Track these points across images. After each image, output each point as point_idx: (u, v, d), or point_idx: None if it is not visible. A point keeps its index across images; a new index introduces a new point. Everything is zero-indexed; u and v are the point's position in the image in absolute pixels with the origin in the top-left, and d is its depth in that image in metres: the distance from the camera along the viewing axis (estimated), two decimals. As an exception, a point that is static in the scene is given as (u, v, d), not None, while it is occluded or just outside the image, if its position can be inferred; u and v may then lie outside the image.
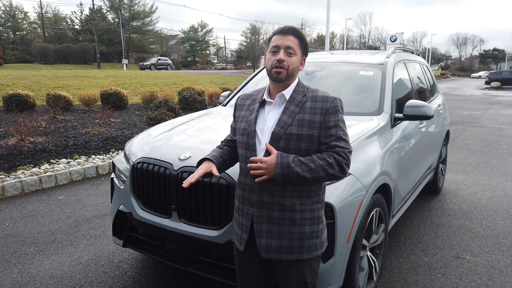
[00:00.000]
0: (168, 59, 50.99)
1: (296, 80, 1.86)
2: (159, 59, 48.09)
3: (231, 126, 2.10)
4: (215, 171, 1.85)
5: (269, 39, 1.85)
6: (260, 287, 1.99)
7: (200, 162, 1.94)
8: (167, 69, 44.78)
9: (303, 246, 1.80)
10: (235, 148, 2.01)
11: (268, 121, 1.81)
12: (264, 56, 1.89)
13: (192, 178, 1.82)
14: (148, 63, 46.27)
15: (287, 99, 1.81)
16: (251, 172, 1.73)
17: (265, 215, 1.79)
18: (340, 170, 1.71)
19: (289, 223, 1.78)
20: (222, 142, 2.12)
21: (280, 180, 1.69)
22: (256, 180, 1.73)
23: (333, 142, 1.73)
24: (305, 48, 1.84)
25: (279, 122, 1.76)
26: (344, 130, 1.79)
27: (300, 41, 1.81)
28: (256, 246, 1.82)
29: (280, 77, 1.77)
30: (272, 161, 1.68)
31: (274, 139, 1.75)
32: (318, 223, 1.83)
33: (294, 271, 1.84)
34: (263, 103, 1.88)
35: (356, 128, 2.92)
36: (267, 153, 1.74)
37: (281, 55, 1.76)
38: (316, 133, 1.75)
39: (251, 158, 1.73)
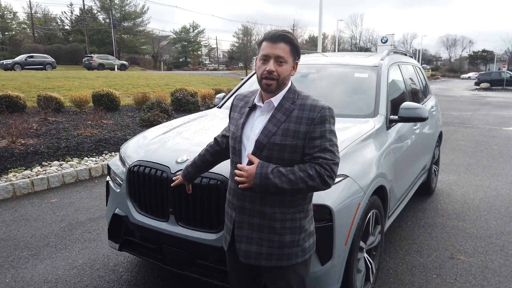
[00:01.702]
0: (48, 56, 36.13)
1: (288, 85, 1.79)
2: (31, 56, 33.86)
3: (228, 123, 2.08)
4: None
5: (259, 43, 1.78)
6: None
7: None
8: (45, 69, 31.87)
9: (283, 254, 1.78)
10: (227, 144, 2.03)
11: (255, 128, 1.78)
12: (255, 59, 1.83)
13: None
14: (10, 61, 32.49)
15: (275, 106, 1.76)
16: (235, 178, 1.76)
17: (246, 221, 1.79)
18: (321, 182, 1.66)
19: (268, 230, 1.76)
20: (218, 136, 2.13)
21: (258, 190, 1.70)
22: (239, 186, 1.75)
23: (317, 154, 1.68)
24: (297, 52, 1.77)
25: (264, 131, 1.73)
26: (332, 141, 1.71)
27: (291, 46, 1.73)
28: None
29: (271, 88, 1.73)
30: (252, 171, 1.68)
31: (258, 148, 1.73)
32: (300, 232, 1.79)
33: (279, 277, 1.84)
34: (253, 107, 1.84)
35: (352, 130, 2.93)
36: (250, 160, 1.74)
37: (271, 65, 1.70)
38: (300, 143, 1.69)
39: (237, 165, 1.76)
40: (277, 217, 1.75)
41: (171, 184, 2.26)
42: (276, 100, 1.76)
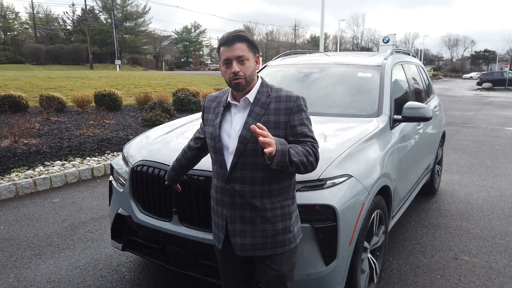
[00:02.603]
0: None
1: (259, 81, 1.85)
2: None
3: (200, 125, 2.15)
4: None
5: (218, 50, 1.82)
6: (240, 284, 2.06)
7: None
8: None
9: (277, 242, 1.84)
10: (202, 146, 2.13)
11: (234, 125, 1.82)
12: (219, 66, 1.85)
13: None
14: None
15: (251, 101, 1.81)
16: (260, 140, 1.51)
17: (237, 215, 1.83)
18: (315, 160, 1.73)
19: (261, 221, 1.82)
20: (191, 139, 2.22)
21: (278, 159, 1.55)
22: (266, 151, 1.51)
23: (301, 138, 1.76)
24: (255, 47, 1.81)
25: (246, 125, 1.77)
26: (309, 127, 1.80)
27: (247, 43, 1.77)
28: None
29: (241, 87, 1.76)
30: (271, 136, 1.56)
31: (242, 142, 1.76)
32: (290, 219, 1.87)
33: (272, 264, 1.88)
34: (228, 106, 1.88)
35: (356, 130, 2.92)
36: (236, 156, 1.77)
37: (235, 67, 1.73)
38: (282, 133, 1.76)
39: (257, 125, 1.54)
40: (267, 207, 1.81)
41: (179, 190, 2.33)
42: (251, 96, 1.81)
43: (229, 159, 1.81)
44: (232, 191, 1.81)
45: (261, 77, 1.87)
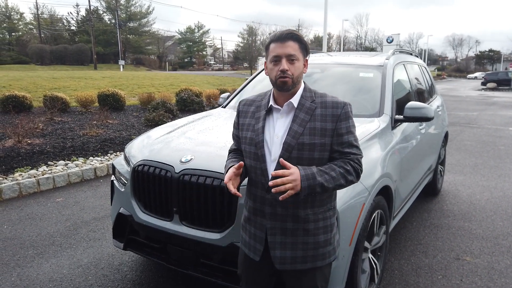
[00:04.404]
0: None
1: (303, 85, 1.78)
2: None
3: (233, 134, 1.98)
4: (232, 188, 1.65)
5: (267, 46, 1.74)
6: None
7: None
8: None
9: (318, 255, 1.77)
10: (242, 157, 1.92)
11: (277, 130, 1.72)
12: (264, 64, 1.79)
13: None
14: None
15: (296, 106, 1.73)
16: (273, 190, 1.56)
17: (278, 227, 1.74)
18: (356, 176, 1.70)
19: (303, 233, 1.74)
20: (230, 153, 1.98)
21: (305, 193, 1.59)
22: (280, 198, 1.56)
23: (346, 149, 1.69)
24: (306, 49, 1.74)
25: (290, 132, 1.68)
26: (355, 136, 1.75)
27: (300, 43, 1.71)
28: (268, 257, 1.78)
29: (287, 86, 1.68)
30: (297, 173, 1.57)
31: (286, 150, 1.67)
32: (331, 230, 1.80)
33: (307, 278, 1.81)
34: (269, 110, 1.78)
35: (357, 130, 2.90)
36: (279, 164, 1.65)
37: (284, 65, 1.66)
38: (328, 141, 1.69)
39: (272, 173, 1.59)
40: (310, 219, 1.73)
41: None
42: (295, 100, 1.73)
43: (271, 167, 1.70)
44: (274, 201, 1.71)
45: (304, 82, 1.79)
